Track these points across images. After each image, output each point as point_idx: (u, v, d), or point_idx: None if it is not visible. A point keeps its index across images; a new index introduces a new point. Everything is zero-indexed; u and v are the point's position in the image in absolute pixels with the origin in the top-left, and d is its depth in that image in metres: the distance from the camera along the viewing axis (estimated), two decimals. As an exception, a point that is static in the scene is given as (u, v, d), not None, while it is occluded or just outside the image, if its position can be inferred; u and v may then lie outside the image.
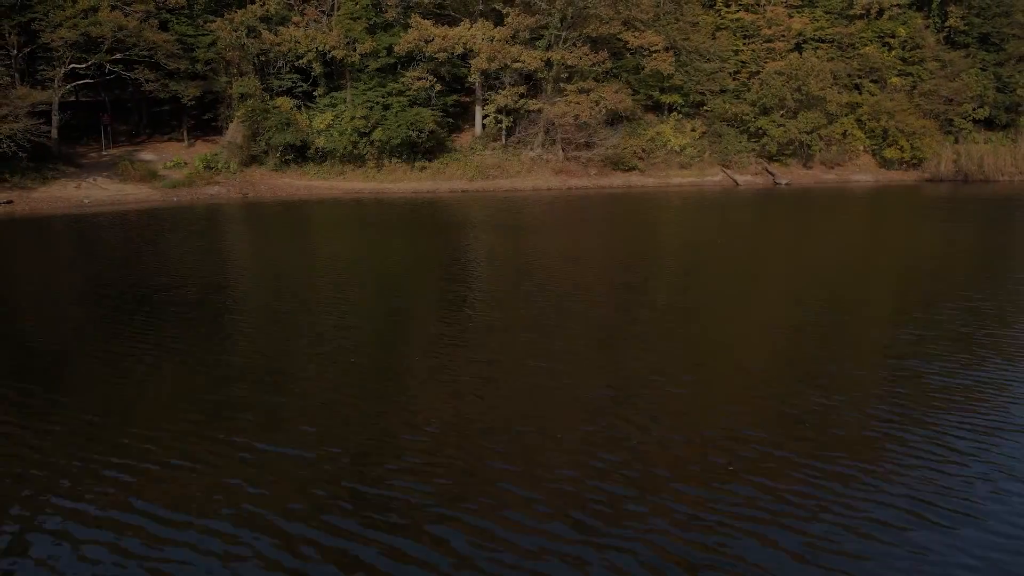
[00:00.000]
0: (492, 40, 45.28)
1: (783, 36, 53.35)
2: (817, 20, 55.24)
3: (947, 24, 57.89)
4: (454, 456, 8.02)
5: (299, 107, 46.86)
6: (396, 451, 8.17)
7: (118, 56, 41.87)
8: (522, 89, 47.44)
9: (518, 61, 45.53)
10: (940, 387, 10.04)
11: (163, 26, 44.02)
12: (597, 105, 46.38)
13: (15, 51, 41.34)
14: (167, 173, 44.42)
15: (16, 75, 41.51)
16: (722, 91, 52.07)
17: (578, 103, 46.33)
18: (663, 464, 7.78)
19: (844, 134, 53.86)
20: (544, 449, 8.15)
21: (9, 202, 37.66)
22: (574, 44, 47.01)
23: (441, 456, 8.01)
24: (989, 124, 58.83)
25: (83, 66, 42.14)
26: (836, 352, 11.85)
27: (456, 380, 10.61)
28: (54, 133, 42.67)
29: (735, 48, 53.43)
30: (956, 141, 56.43)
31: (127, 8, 41.41)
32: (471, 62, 45.97)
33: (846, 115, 53.49)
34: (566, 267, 20.38)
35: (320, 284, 18.03)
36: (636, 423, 8.85)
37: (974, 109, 56.43)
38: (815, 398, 9.65)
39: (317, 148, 46.30)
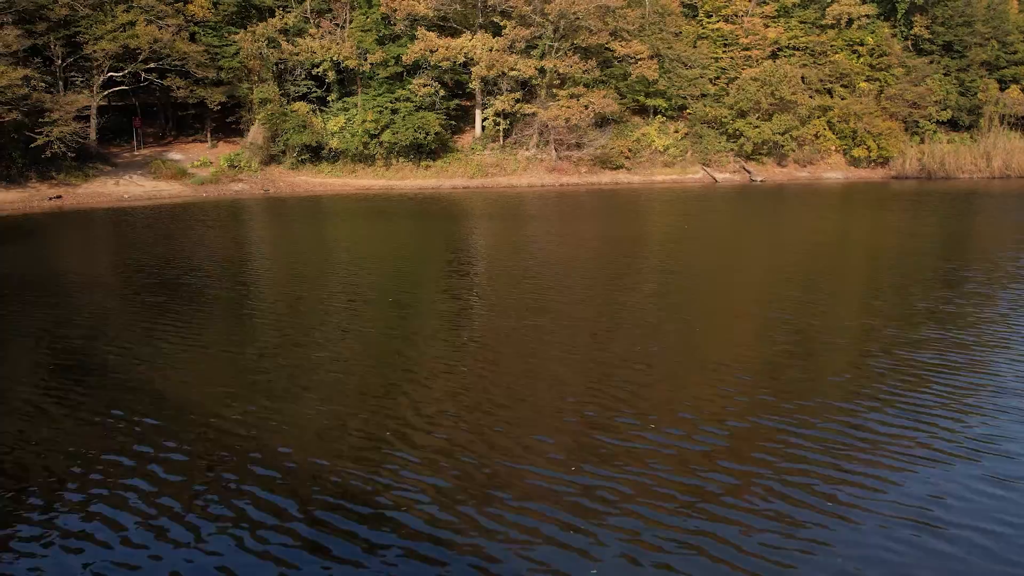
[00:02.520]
0: (491, 50, 49.69)
1: (759, 45, 57.87)
2: (791, 30, 59.74)
3: (912, 33, 62.40)
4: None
5: (314, 111, 51.27)
6: (415, 383, 12.53)
7: (152, 65, 46.27)
8: (518, 94, 51.86)
9: (514, 69, 49.94)
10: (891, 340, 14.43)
11: (191, 37, 48.40)
12: (587, 109, 50.80)
13: (59, 61, 45.74)
14: (195, 171, 48.81)
15: (60, 83, 45.91)
16: (703, 95, 56.55)
17: (569, 107, 50.73)
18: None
19: (816, 135, 58.33)
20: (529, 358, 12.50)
21: (58, 197, 42.03)
22: (565, 53, 51.47)
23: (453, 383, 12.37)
24: (954, 125, 63.29)
25: (120, 74, 46.58)
26: (799, 315, 16.24)
27: (465, 325, 15.01)
28: (93, 135, 47.07)
29: (715, 56, 57.93)
30: (922, 141, 60.80)
31: (161, 22, 45.81)
32: (472, 70, 50.37)
33: (818, 117, 57.97)
34: (553, 245, 24.78)
35: (355, 260, 22.44)
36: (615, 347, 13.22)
37: (938, 111, 60.89)
38: (783, 346, 14.02)
39: (331, 148, 50.71)
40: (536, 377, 10.42)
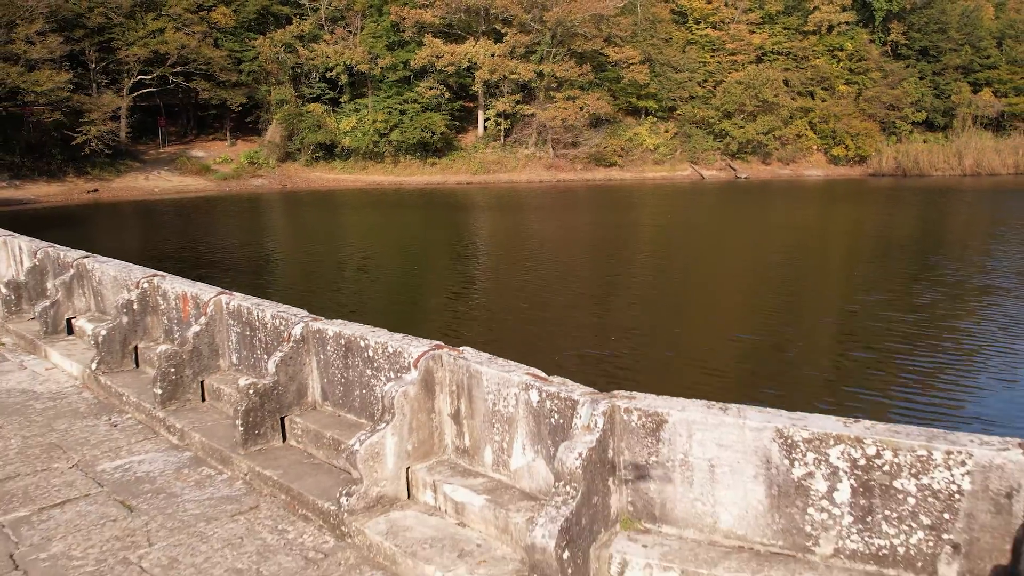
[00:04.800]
0: (493, 55, 53.33)
1: (745, 50, 61.51)
2: (775, 35, 63.39)
3: (890, 38, 66.06)
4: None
5: (328, 112, 54.87)
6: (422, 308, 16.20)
7: (179, 69, 49.86)
8: (518, 96, 55.51)
9: (515, 73, 53.57)
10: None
11: (215, 43, 51.96)
12: (582, 110, 54.44)
13: (93, 65, 49.31)
14: (217, 167, 52.41)
15: (93, 85, 49.49)
16: (691, 98, 60.19)
17: (566, 108, 54.36)
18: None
19: (798, 135, 61.96)
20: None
21: (95, 190, 45.65)
22: (562, 58, 55.11)
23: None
24: (930, 126, 66.92)
25: (149, 77, 50.18)
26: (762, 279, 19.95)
27: (471, 293, 18.70)
28: (123, 134, 50.64)
29: (703, 60, 61.58)
30: (899, 141, 64.43)
31: (187, 29, 49.40)
32: (475, 74, 53.98)
33: (800, 118, 61.59)
34: (548, 230, 28.46)
35: (375, 238, 26.13)
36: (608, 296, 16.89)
37: (913, 113, 64.55)
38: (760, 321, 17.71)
39: (343, 147, 54.32)
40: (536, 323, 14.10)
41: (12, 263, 9.77)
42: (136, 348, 6.68)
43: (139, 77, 50.31)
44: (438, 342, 4.35)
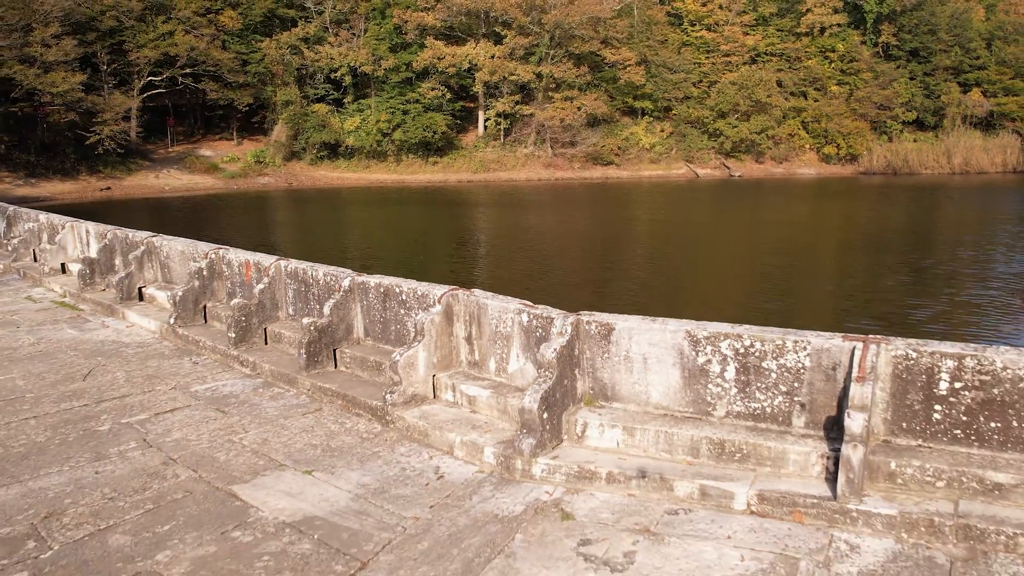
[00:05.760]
0: (493, 57, 54.90)
1: (739, 51, 63.09)
2: (769, 37, 64.97)
3: (880, 40, 67.66)
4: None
5: (332, 112, 56.44)
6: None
7: (188, 70, 51.42)
8: (517, 97, 57.08)
9: (514, 74, 55.15)
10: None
11: (223, 45, 53.51)
12: (580, 110, 56.02)
13: (105, 67, 50.85)
14: (225, 166, 53.97)
15: (104, 86, 51.03)
16: (686, 98, 61.78)
17: (564, 108, 55.93)
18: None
19: (791, 134, 63.54)
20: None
21: (108, 188, 47.20)
22: (560, 60, 56.68)
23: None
24: (920, 125, 68.50)
25: (159, 78, 51.74)
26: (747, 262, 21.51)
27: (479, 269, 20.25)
28: (133, 134, 52.18)
29: (697, 61, 63.17)
30: (889, 140, 66.04)
31: (196, 31, 50.96)
32: (475, 75, 55.55)
33: (792, 118, 63.18)
34: (547, 223, 30.02)
35: (384, 231, 27.70)
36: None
37: (904, 113, 66.14)
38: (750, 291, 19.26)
39: (347, 146, 55.89)
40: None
41: (78, 244, 11.31)
42: (205, 307, 8.21)
43: (149, 78, 51.85)
44: (455, 285, 5.90)
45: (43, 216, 12.69)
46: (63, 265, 11.32)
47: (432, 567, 3.92)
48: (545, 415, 4.71)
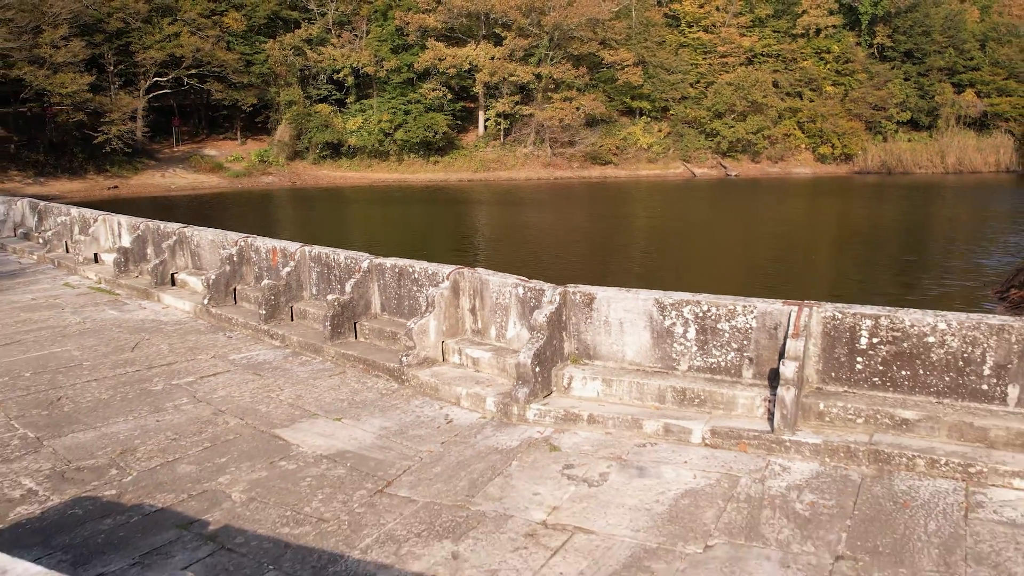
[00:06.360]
0: (493, 58, 55.84)
1: (735, 52, 64.03)
2: (765, 38, 65.90)
3: (875, 41, 68.60)
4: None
5: (335, 112, 57.37)
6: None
7: (193, 71, 52.35)
8: (517, 97, 58.03)
9: (514, 75, 56.09)
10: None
11: (227, 46, 54.43)
12: (578, 111, 56.96)
13: (111, 68, 51.79)
14: (230, 165, 54.90)
15: (111, 87, 51.98)
16: (683, 98, 62.72)
17: (563, 109, 56.88)
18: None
19: (786, 134, 64.48)
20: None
21: (115, 187, 48.14)
22: (559, 61, 57.63)
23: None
24: (914, 125, 69.45)
25: (165, 79, 52.67)
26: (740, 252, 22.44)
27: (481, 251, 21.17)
28: (139, 133, 53.12)
29: (694, 62, 64.11)
30: (884, 140, 66.96)
31: (201, 33, 51.88)
32: (475, 76, 56.48)
33: (788, 118, 64.10)
34: (546, 220, 30.95)
35: (390, 225, 28.63)
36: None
37: (898, 113, 67.07)
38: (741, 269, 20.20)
39: (350, 145, 56.82)
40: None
41: (110, 235, 12.25)
42: (235, 289, 9.13)
43: (155, 79, 52.77)
44: (460, 265, 6.83)
45: (75, 210, 13.63)
46: (96, 255, 12.24)
47: (445, 484, 4.86)
48: (537, 369, 5.64)
